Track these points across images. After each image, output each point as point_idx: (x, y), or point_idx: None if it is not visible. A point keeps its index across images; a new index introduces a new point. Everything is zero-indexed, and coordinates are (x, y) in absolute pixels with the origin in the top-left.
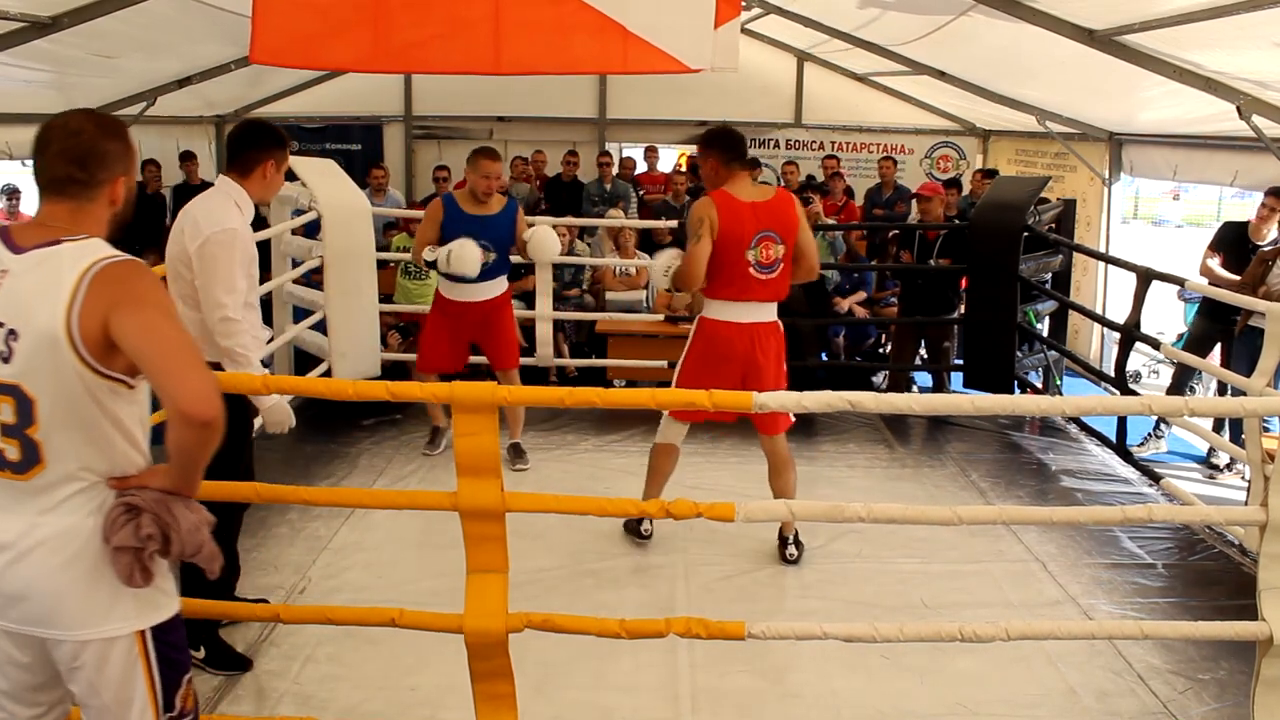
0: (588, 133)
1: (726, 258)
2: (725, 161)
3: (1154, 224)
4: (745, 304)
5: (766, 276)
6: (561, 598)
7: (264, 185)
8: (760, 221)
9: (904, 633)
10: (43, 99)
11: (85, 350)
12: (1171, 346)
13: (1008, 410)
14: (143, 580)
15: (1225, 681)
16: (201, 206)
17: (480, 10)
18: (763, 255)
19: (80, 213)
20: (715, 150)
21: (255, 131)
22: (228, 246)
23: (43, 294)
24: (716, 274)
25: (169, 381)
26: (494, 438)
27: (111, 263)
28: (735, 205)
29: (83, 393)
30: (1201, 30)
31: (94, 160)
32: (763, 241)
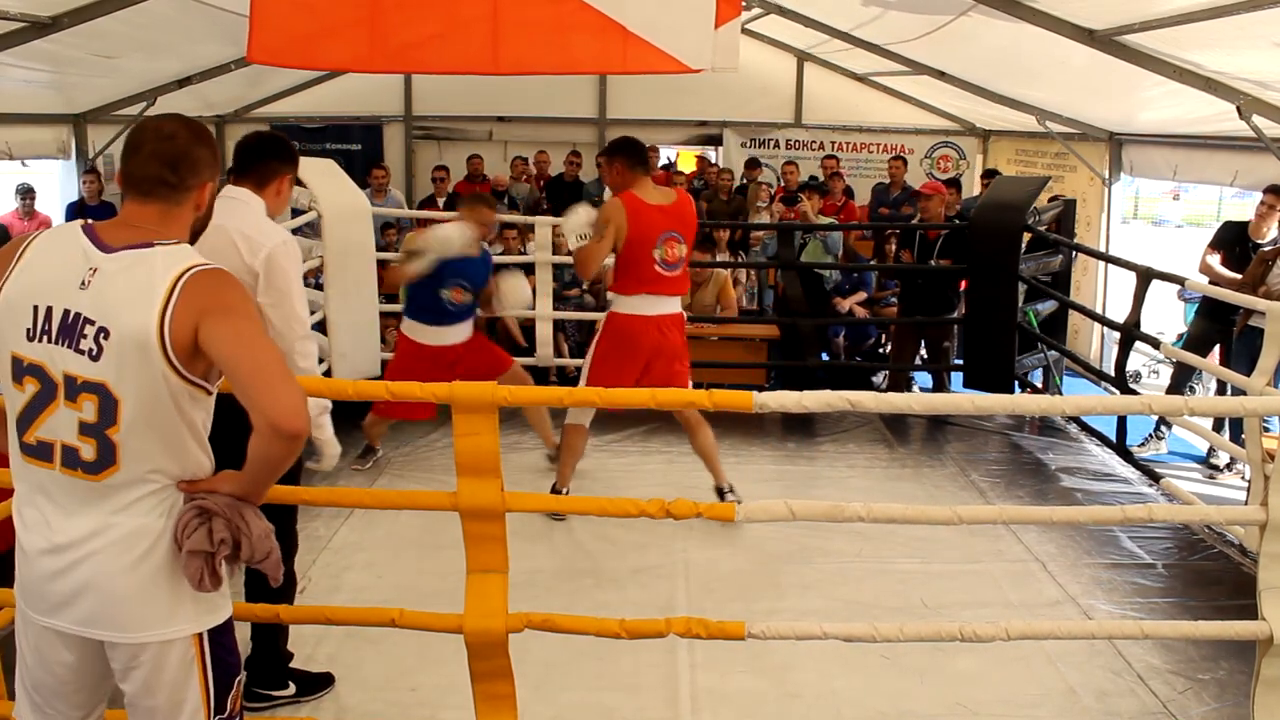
0: (588, 133)
1: (634, 256)
2: (630, 166)
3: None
4: (652, 298)
5: (670, 274)
6: (561, 598)
7: (278, 202)
8: (665, 222)
9: (904, 633)
10: (43, 99)
11: (174, 355)
12: (1171, 346)
13: (1008, 410)
14: (212, 584)
15: (1225, 681)
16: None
17: (479, 10)
18: (667, 254)
19: (168, 216)
20: (620, 157)
21: (273, 144)
22: (295, 258)
23: (136, 296)
24: (625, 271)
25: (261, 393)
26: (494, 438)
27: (204, 270)
28: (642, 207)
29: (166, 396)
30: (1201, 30)
31: (185, 165)
32: (667, 241)
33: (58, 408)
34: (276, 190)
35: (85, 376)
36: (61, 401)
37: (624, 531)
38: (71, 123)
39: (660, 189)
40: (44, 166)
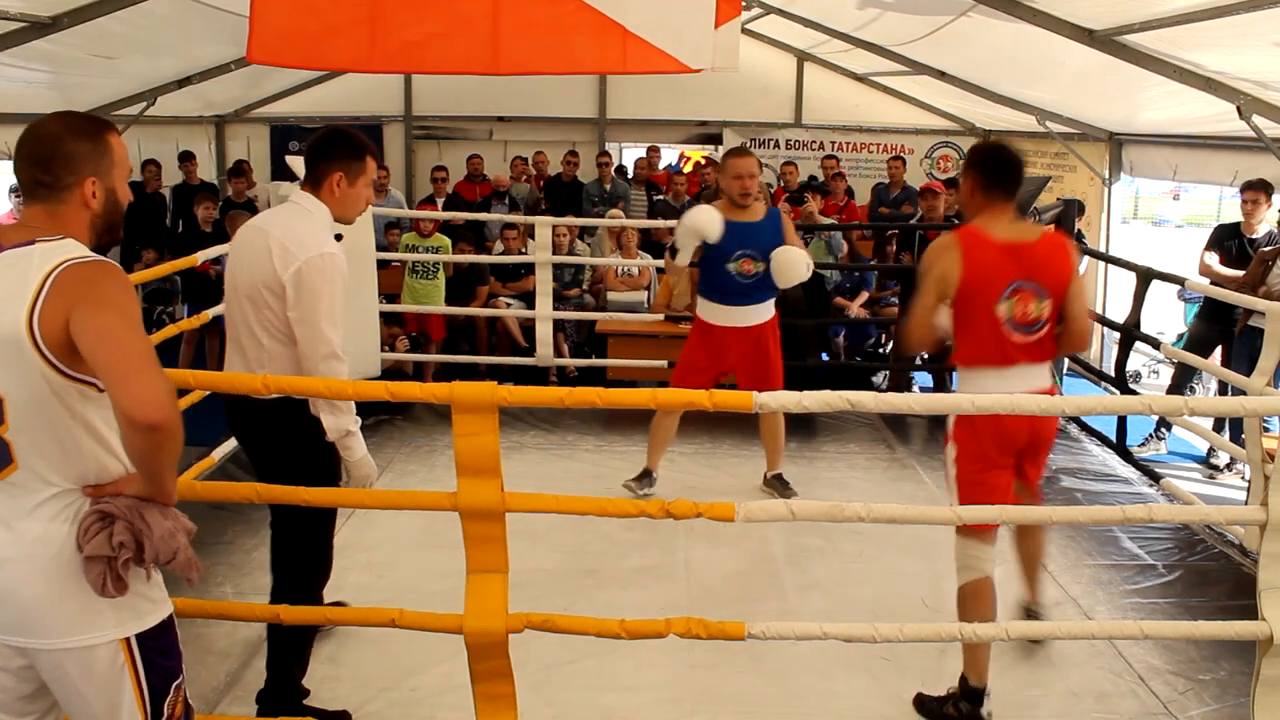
0: (588, 133)
1: (970, 312)
2: (985, 186)
3: (1154, 224)
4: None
5: (1025, 338)
6: (561, 598)
7: (336, 201)
8: (1014, 269)
9: (904, 633)
10: (43, 99)
11: (49, 351)
12: (1171, 346)
13: (1008, 410)
14: (116, 590)
15: (1225, 681)
16: (285, 227)
17: (479, 10)
18: (1016, 311)
19: (54, 215)
20: (975, 174)
21: (324, 140)
22: (330, 274)
23: (10, 294)
24: (962, 334)
25: (115, 384)
26: (494, 438)
27: (76, 263)
28: (984, 248)
29: (50, 395)
30: (1201, 30)
31: (58, 163)
32: (1017, 294)
33: None
34: (330, 190)
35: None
36: None
37: (624, 531)
38: None
39: (1020, 224)
40: None
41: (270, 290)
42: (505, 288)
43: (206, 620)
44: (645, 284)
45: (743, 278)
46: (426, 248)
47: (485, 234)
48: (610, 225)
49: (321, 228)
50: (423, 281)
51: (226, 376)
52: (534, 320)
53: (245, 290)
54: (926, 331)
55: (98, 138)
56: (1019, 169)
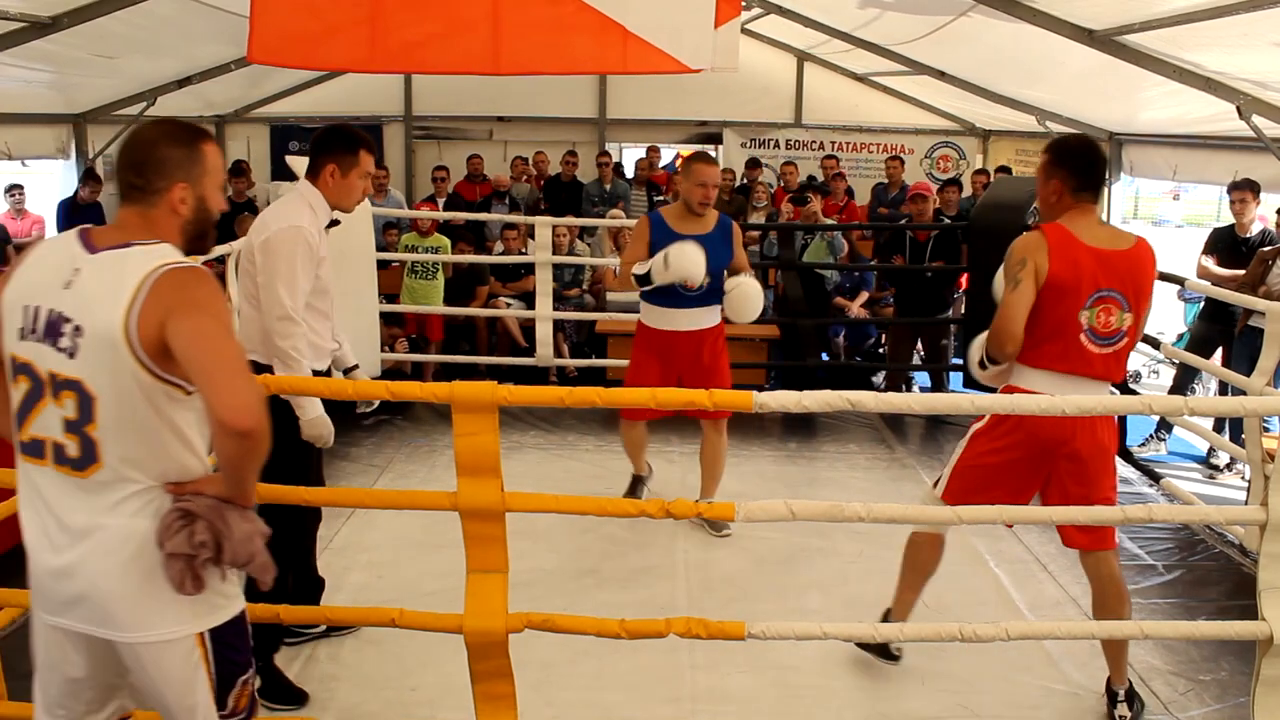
0: (588, 133)
1: (1051, 313)
2: (1076, 188)
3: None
4: (1071, 379)
5: (1102, 349)
6: (561, 598)
7: (331, 189)
8: (1103, 276)
9: (904, 633)
10: (43, 99)
11: (143, 353)
12: (1172, 346)
13: (1007, 410)
14: (194, 588)
15: (1226, 682)
16: (273, 208)
17: (479, 10)
18: (1098, 320)
19: (146, 218)
20: (1064, 170)
21: (321, 134)
22: (290, 243)
23: (107, 294)
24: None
25: (210, 389)
26: (494, 438)
27: (174, 268)
28: (1074, 248)
29: (140, 395)
30: (1201, 30)
31: (150, 168)
32: (1101, 302)
33: (46, 405)
34: (325, 181)
35: (64, 374)
36: (49, 398)
37: (624, 531)
38: (71, 123)
39: (1114, 230)
40: (44, 166)
41: (249, 259)
42: (505, 288)
43: None
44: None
45: (685, 289)
46: (426, 248)
47: (485, 234)
48: (610, 225)
49: (301, 207)
50: (422, 282)
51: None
52: (534, 320)
53: (241, 263)
54: (1020, 328)
55: (191, 145)
56: (1105, 168)
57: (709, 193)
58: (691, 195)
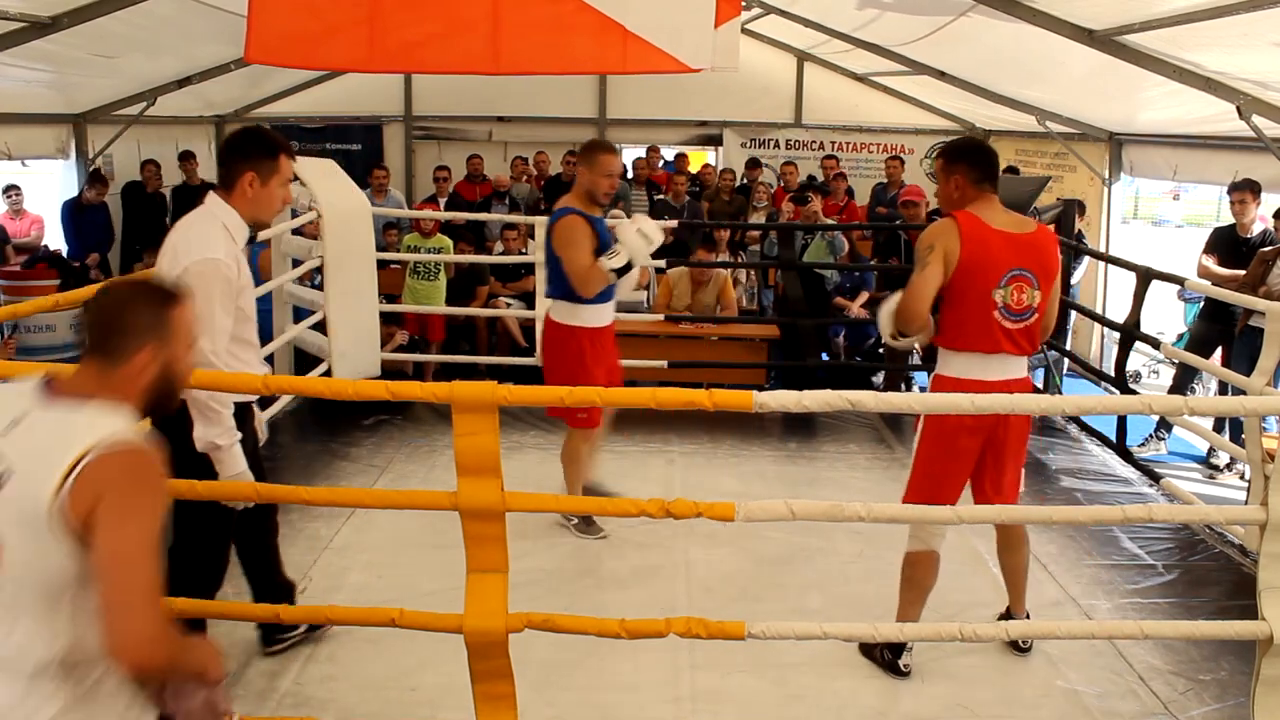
0: (588, 133)
1: (966, 296)
2: (976, 180)
3: (1154, 224)
4: (988, 358)
5: (1015, 325)
6: (561, 598)
7: (249, 202)
8: (1014, 256)
9: (904, 633)
10: (43, 99)
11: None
12: (1171, 346)
13: (1007, 410)
14: None
15: (1225, 681)
16: (183, 232)
17: (479, 10)
18: (1012, 298)
19: (108, 378)
20: (963, 164)
21: (235, 139)
22: (206, 281)
23: (44, 456)
24: (952, 317)
25: (107, 614)
26: (494, 438)
27: (116, 452)
28: (984, 232)
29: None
30: (1201, 30)
31: (118, 331)
32: (1015, 281)
33: None
34: (243, 191)
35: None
36: None
37: (624, 531)
38: (71, 123)
39: (1017, 216)
40: (44, 166)
41: None
42: (505, 288)
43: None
44: (645, 284)
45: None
46: (429, 249)
47: (485, 234)
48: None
49: (214, 231)
50: (424, 282)
51: (226, 375)
52: (534, 320)
53: None
54: (926, 308)
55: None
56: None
57: (615, 183)
58: (598, 185)
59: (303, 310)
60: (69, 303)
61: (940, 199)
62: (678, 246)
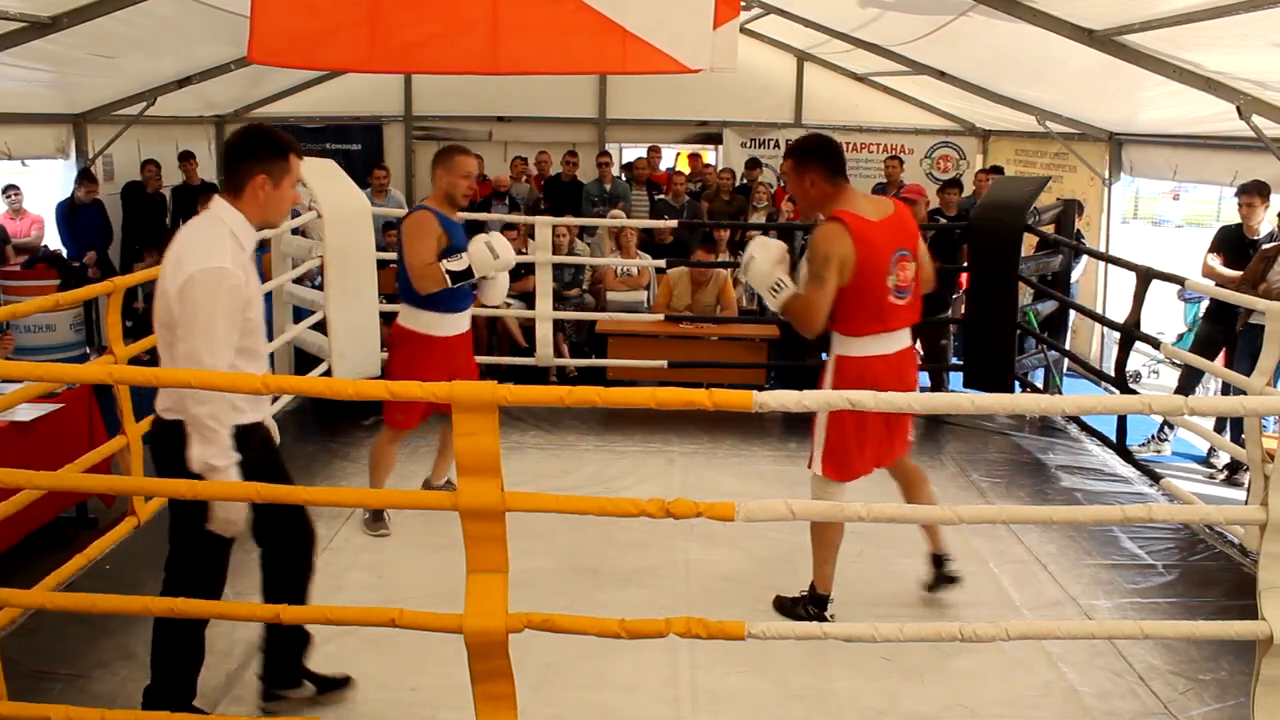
0: (588, 133)
1: (865, 288)
2: (830, 176)
3: (1154, 224)
4: (886, 336)
5: (904, 301)
6: (561, 598)
7: (260, 206)
8: (894, 240)
9: (904, 633)
10: (43, 99)
11: None
12: (1171, 346)
13: (1008, 410)
14: None
15: (1225, 681)
16: (187, 238)
17: (478, 10)
18: (901, 278)
19: None
20: (815, 164)
21: (244, 140)
22: (210, 290)
23: None
24: (853, 308)
25: None
26: (494, 437)
27: None
28: (867, 227)
29: None
30: (1201, 30)
31: None
32: (900, 262)
33: None
34: (254, 194)
35: None
36: None
37: (624, 531)
38: (71, 123)
39: (874, 199)
40: (44, 166)
41: (164, 306)
42: None
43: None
44: (645, 284)
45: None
46: None
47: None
48: (610, 225)
49: (221, 238)
50: None
51: (226, 376)
52: (534, 320)
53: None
54: (823, 319)
55: None
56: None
57: (473, 184)
58: (456, 187)
59: (303, 310)
60: (69, 303)
61: (797, 198)
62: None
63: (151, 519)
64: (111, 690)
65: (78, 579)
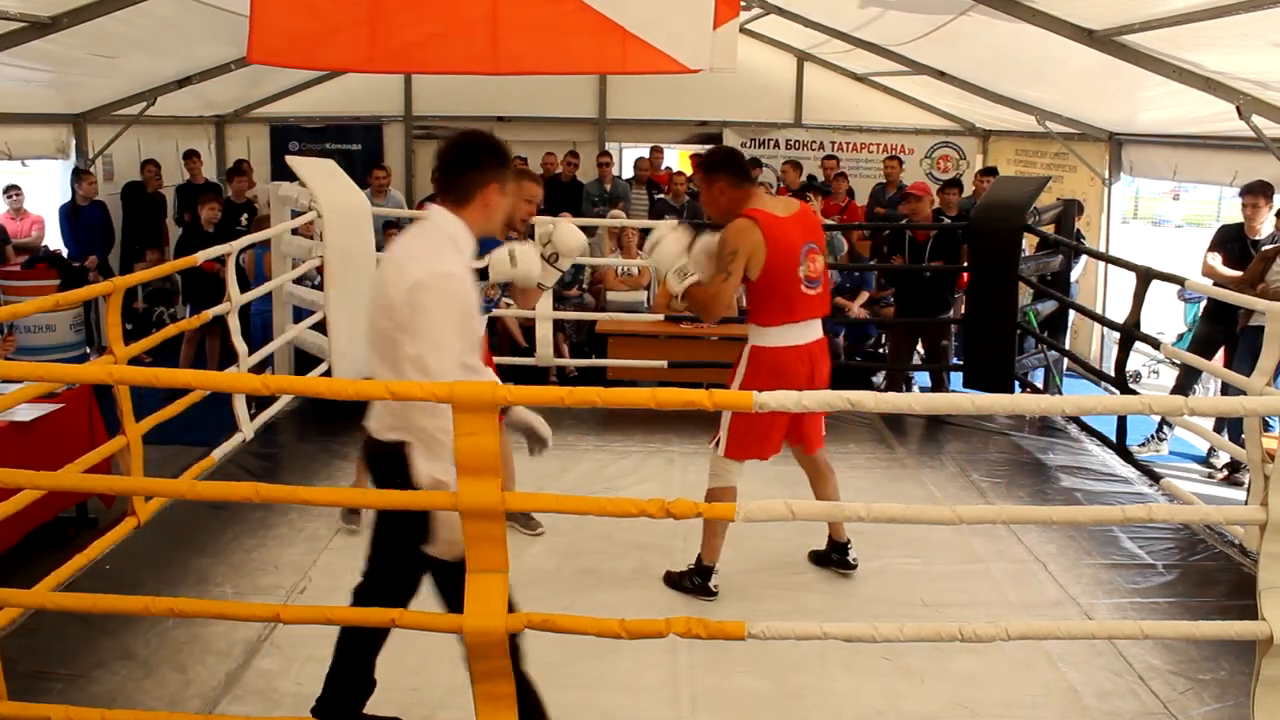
0: (588, 133)
1: (777, 280)
2: (735, 184)
3: (1154, 224)
4: (799, 325)
5: (815, 292)
6: (561, 598)
7: (486, 215)
8: (802, 235)
9: (904, 633)
10: (43, 99)
11: None
12: (1171, 346)
13: (1008, 410)
14: None
15: (1225, 681)
16: (408, 246)
17: (478, 10)
18: (810, 270)
19: None
20: (723, 174)
21: (472, 149)
22: (441, 295)
23: None
24: (766, 300)
25: None
26: (494, 437)
27: None
28: (775, 222)
29: None
30: (1201, 30)
31: None
32: (809, 255)
33: None
34: (483, 203)
35: None
36: None
37: (624, 531)
38: (71, 123)
39: (780, 198)
40: (44, 166)
41: (385, 314)
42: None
43: (206, 620)
44: (645, 284)
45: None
46: None
47: None
48: (610, 225)
49: (444, 245)
50: None
51: (227, 376)
52: (534, 320)
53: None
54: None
55: None
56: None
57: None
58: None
59: (303, 310)
60: (69, 303)
61: (707, 206)
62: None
63: (151, 519)
64: (111, 690)
65: (78, 579)
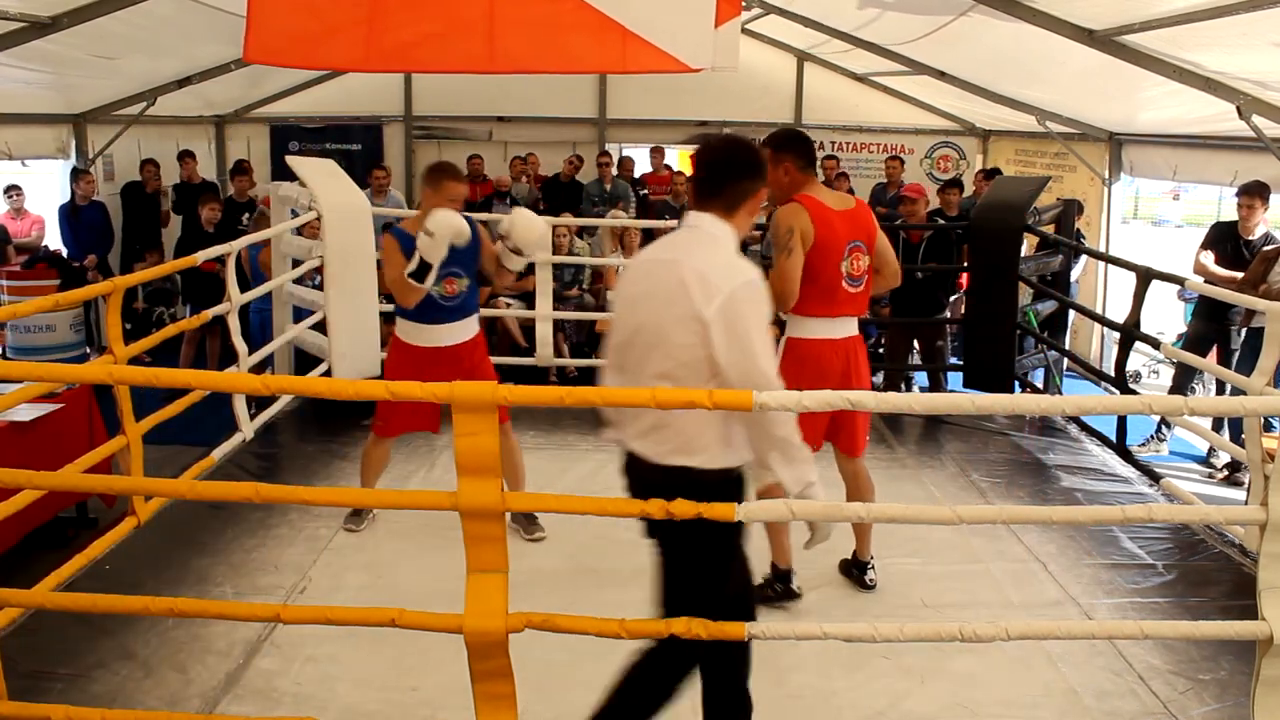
0: (588, 133)
1: (819, 270)
2: (802, 167)
3: (1154, 224)
4: (836, 320)
5: (856, 290)
6: (561, 598)
7: (750, 220)
8: (850, 231)
9: (904, 633)
10: (42, 99)
11: None
12: (1171, 346)
13: (1008, 410)
14: None
15: (1225, 681)
16: (698, 257)
17: (476, 9)
18: (854, 267)
19: None
20: (791, 154)
21: (740, 156)
22: (754, 304)
23: None
24: (809, 288)
25: None
26: (494, 437)
27: None
28: (826, 213)
29: None
30: (1201, 30)
31: None
32: (854, 252)
33: None
34: (751, 210)
35: None
36: None
37: (624, 531)
38: (71, 123)
39: (836, 193)
40: (44, 166)
41: (685, 327)
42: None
43: (206, 620)
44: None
45: (444, 299)
46: None
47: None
48: (609, 225)
49: (733, 252)
50: None
51: (227, 376)
52: (534, 320)
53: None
54: (797, 287)
55: None
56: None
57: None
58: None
59: (303, 310)
60: (69, 303)
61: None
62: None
63: (151, 519)
64: (111, 690)
65: (78, 579)
